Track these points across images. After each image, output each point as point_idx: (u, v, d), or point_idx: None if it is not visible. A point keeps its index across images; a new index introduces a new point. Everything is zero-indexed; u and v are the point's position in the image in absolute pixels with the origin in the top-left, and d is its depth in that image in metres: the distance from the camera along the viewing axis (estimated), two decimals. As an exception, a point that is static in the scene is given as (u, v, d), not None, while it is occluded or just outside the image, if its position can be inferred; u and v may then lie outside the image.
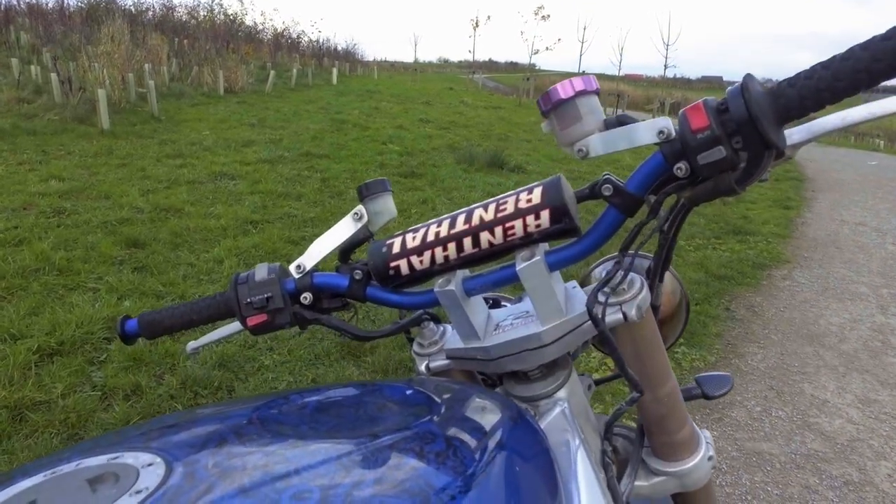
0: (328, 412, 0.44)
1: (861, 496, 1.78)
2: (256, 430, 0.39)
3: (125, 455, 0.35)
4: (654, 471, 0.64)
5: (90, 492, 0.32)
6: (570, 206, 0.50)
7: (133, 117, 6.82)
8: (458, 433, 0.39)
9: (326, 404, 0.45)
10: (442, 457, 0.36)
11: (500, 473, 0.37)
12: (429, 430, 0.38)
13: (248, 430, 0.39)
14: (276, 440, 0.37)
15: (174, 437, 0.39)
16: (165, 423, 0.43)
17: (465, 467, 0.35)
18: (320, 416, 0.43)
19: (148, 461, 0.34)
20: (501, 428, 0.43)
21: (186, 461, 0.33)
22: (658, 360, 0.59)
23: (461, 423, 0.42)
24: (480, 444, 0.39)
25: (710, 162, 0.44)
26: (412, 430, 0.38)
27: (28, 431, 1.78)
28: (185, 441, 0.38)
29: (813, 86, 0.40)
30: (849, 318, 3.15)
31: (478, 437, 0.40)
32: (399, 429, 0.39)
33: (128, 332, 0.62)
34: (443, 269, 0.54)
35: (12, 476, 0.36)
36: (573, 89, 0.49)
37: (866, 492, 1.80)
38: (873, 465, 1.93)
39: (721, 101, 0.44)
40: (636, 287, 0.53)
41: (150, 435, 0.40)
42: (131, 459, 0.34)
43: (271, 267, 0.59)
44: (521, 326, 0.55)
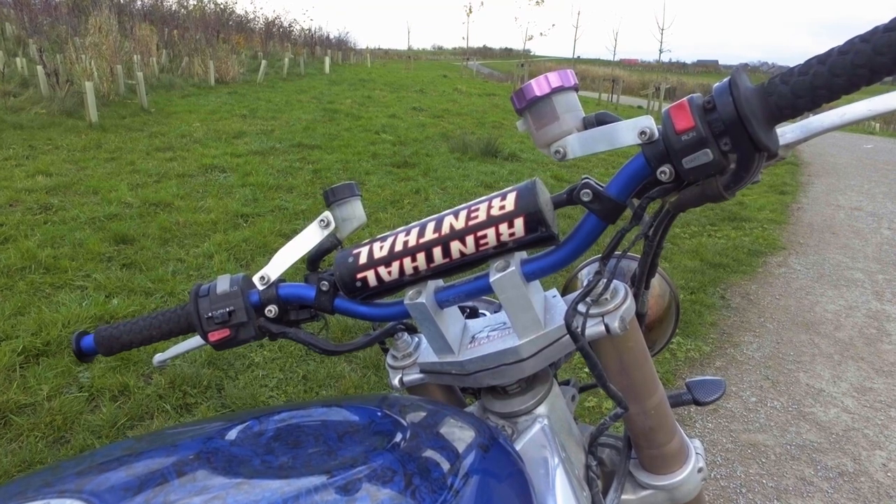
0: (285, 441, 0.40)
1: (856, 486, 1.77)
2: (202, 468, 0.36)
3: (52, 502, 0.32)
4: (642, 484, 0.61)
5: None
6: (545, 213, 0.46)
7: (122, 110, 6.72)
8: (422, 465, 0.36)
9: (285, 431, 0.42)
10: (402, 494, 0.33)
11: None
12: (389, 462, 0.35)
13: (193, 467, 0.36)
14: (221, 479, 0.34)
15: (111, 477, 0.36)
16: (106, 456, 0.40)
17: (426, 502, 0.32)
18: (275, 445, 0.40)
19: None
20: (472, 455, 0.39)
21: None
22: (645, 371, 0.55)
23: (427, 452, 0.39)
24: (448, 476, 0.36)
25: (696, 166, 0.40)
26: (370, 465, 0.35)
27: (12, 436, 1.75)
28: (120, 483, 0.35)
29: (808, 82, 0.37)
30: (844, 305, 3.14)
31: (445, 468, 0.37)
32: (357, 462, 0.35)
33: (83, 349, 0.59)
34: (413, 279, 0.51)
35: None
36: (549, 86, 0.45)
37: (861, 482, 1.79)
38: (868, 454, 1.92)
39: (708, 98, 0.40)
40: (620, 296, 0.50)
41: (84, 474, 0.36)
42: None
43: (234, 278, 0.56)
44: (497, 340, 0.52)
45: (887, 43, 0.34)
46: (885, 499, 1.72)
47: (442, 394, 0.61)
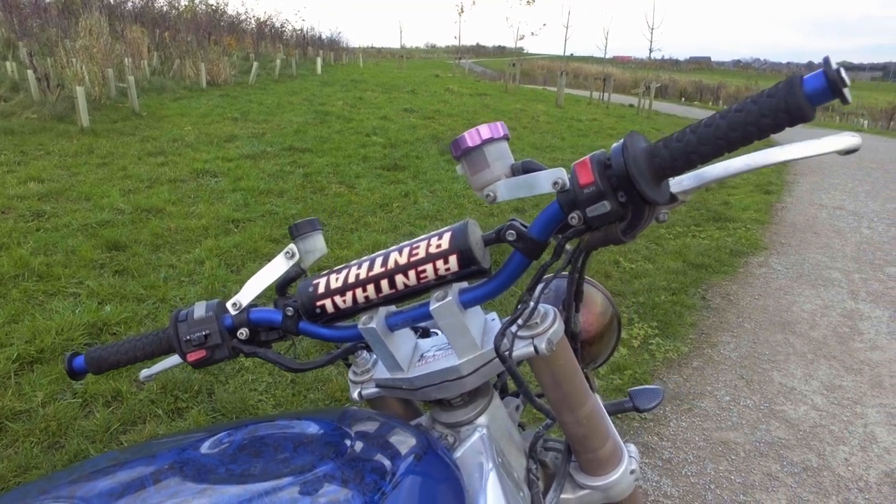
0: (248, 451, 0.47)
1: (818, 481, 1.85)
2: (175, 476, 0.43)
3: None
4: (580, 484, 0.68)
5: None
6: (475, 252, 0.53)
7: (113, 114, 6.75)
8: (360, 471, 0.43)
9: (249, 443, 0.49)
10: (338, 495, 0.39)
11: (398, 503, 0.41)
12: (330, 470, 0.42)
13: (168, 475, 0.43)
14: (190, 485, 0.41)
15: (98, 485, 0.42)
16: (94, 467, 0.47)
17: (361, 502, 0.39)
18: (240, 455, 0.47)
19: None
20: (407, 461, 0.46)
21: None
22: (575, 384, 0.62)
23: (367, 460, 0.45)
24: (383, 480, 0.43)
25: (597, 214, 0.47)
26: (315, 472, 0.42)
27: (8, 441, 1.80)
28: (106, 490, 0.41)
29: (682, 149, 0.44)
30: (820, 305, 3.23)
31: (381, 473, 0.44)
32: (304, 470, 0.42)
33: (75, 368, 0.65)
34: (365, 306, 0.58)
35: None
36: (480, 138, 0.52)
37: (823, 476, 1.87)
38: (832, 450, 2.01)
39: (607, 156, 0.47)
40: (549, 320, 0.57)
41: (76, 483, 0.43)
42: None
43: (209, 304, 0.63)
44: (441, 359, 0.59)
45: (737, 121, 0.41)
46: (844, 491, 1.81)
47: (398, 405, 0.68)
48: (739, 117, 0.41)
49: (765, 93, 0.40)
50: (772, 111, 0.39)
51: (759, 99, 0.40)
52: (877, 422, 2.19)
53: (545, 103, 13.66)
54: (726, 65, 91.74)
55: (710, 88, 28.76)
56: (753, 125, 0.40)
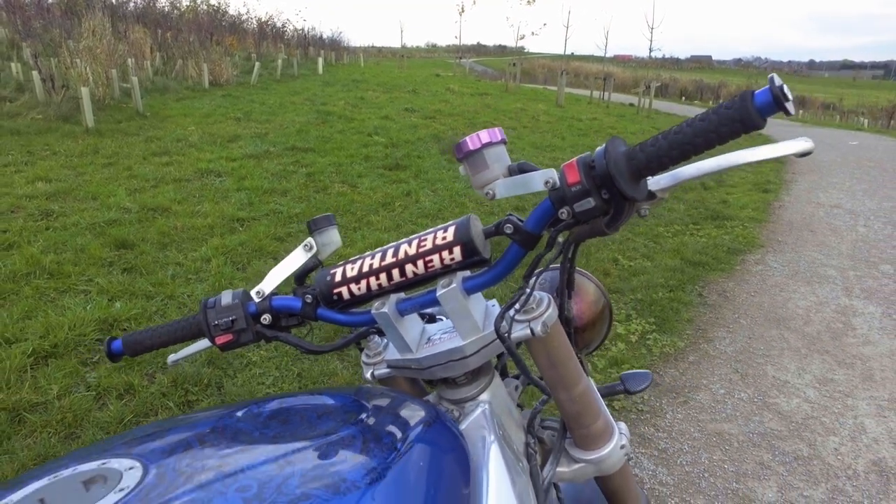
0: (277, 419, 0.54)
1: (808, 469, 1.91)
2: (216, 438, 0.49)
3: (112, 461, 0.45)
4: (574, 458, 0.75)
5: (84, 491, 0.42)
6: (477, 243, 0.59)
7: (118, 114, 6.82)
8: (377, 434, 0.50)
9: (277, 412, 0.55)
10: (360, 453, 0.46)
11: (414, 465, 0.47)
12: (352, 432, 0.49)
13: (210, 437, 0.49)
14: (230, 445, 0.47)
15: (151, 445, 0.49)
16: (145, 431, 0.53)
17: (380, 461, 0.45)
18: (270, 422, 0.53)
19: (129, 465, 0.44)
20: (418, 429, 0.53)
21: (159, 464, 0.43)
22: (570, 365, 0.69)
23: (383, 426, 0.52)
24: (397, 442, 0.49)
25: (584, 210, 0.54)
26: (339, 434, 0.48)
27: (27, 432, 1.87)
28: (159, 448, 0.48)
29: (655, 152, 0.50)
30: (815, 301, 3.29)
31: (395, 437, 0.50)
32: (329, 433, 0.49)
33: (114, 351, 0.72)
34: (378, 293, 0.64)
35: (22, 480, 0.46)
36: (480, 142, 0.59)
37: (813, 465, 1.94)
38: (823, 440, 2.07)
39: (591, 158, 0.54)
40: (543, 305, 0.63)
41: (131, 443, 0.50)
42: (116, 464, 0.44)
43: (235, 293, 0.69)
44: (447, 341, 0.65)
45: (700, 129, 0.47)
46: (833, 479, 1.87)
47: (407, 384, 0.74)
48: (702, 126, 0.47)
49: (723, 105, 0.47)
50: (729, 121, 0.46)
51: (718, 110, 0.47)
52: (867, 413, 2.26)
53: (546, 103, 13.72)
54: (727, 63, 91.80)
55: (710, 87, 28.80)
56: (714, 132, 0.47)
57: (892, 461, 1.99)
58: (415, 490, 0.45)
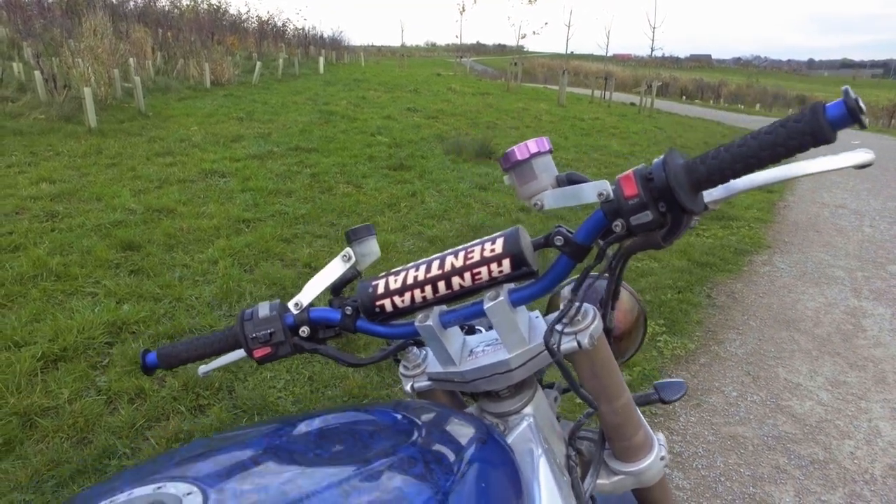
0: (328, 438, 0.52)
1: (825, 473, 1.90)
2: (271, 459, 0.48)
3: (167, 485, 0.44)
4: (614, 470, 0.74)
5: None
6: (527, 255, 0.58)
7: (120, 114, 6.80)
8: (436, 454, 0.48)
9: (327, 431, 0.54)
10: (423, 476, 0.45)
11: (472, 486, 0.46)
12: (411, 453, 0.47)
13: (265, 458, 0.48)
14: (288, 468, 0.46)
15: (204, 466, 0.47)
16: (194, 451, 0.52)
17: (442, 484, 0.44)
18: (322, 442, 0.52)
19: (187, 490, 0.42)
20: (472, 447, 0.51)
21: (219, 489, 0.42)
22: (613, 377, 0.68)
23: (439, 445, 0.51)
24: (454, 463, 0.48)
25: (640, 223, 0.52)
26: (398, 455, 0.47)
27: (39, 437, 1.86)
28: (214, 470, 0.46)
29: (717, 165, 0.49)
30: (824, 303, 3.28)
31: (452, 456, 0.49)
32: (387, 454, 0.47)
33: (148, 363, 0.70)
34: (421, 306, 0.63)
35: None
36: (528, 152, 0.57)
37: (830, 469, 1.93)
38: (838, 444, 2.06)
39: (648, 171, 0.52)
40: (589, 318, 0.62)
41: (183, 464, 0.48)
42: (173, 489, 0.43)
43: (273, 304, 0.68)
44: (491, 353, 0.64)
45: (767, 142, 0.46)
46: (850, 484, 1.86)
47: (445, 397, 0.73)
48: (769, 139, 0.46)
49: (791, 118, 0.45)
50: (798, 134, 0.44)
51: (786, 123, 0.45)
52: (881, 416, 2.25)
53: (547, 102, 13.71)
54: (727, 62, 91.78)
55: (710, 86, 28.79)
56: (782, 146, 0.46)
57: (907, 464, 1.98)
58: None
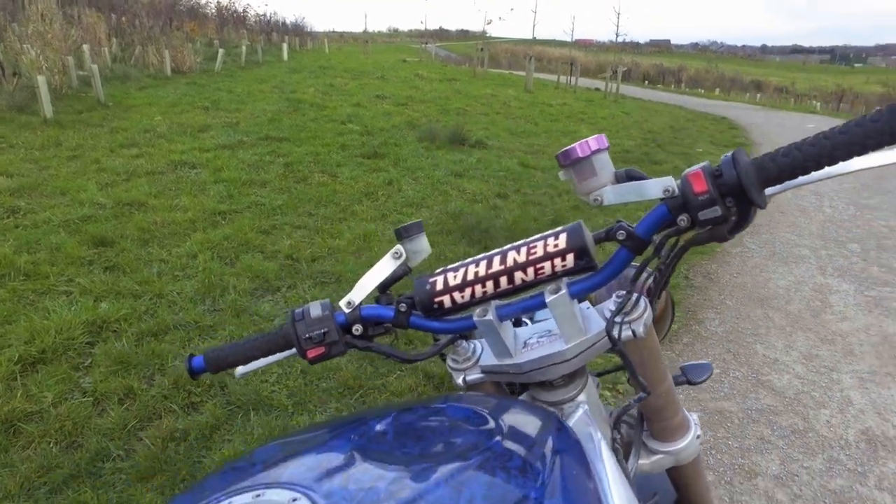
0: (407, 436, 0.52)
1: (805, 441, 2.01)
2: (362, 459, 0.47)
3: (266, 493, 0.43)
4: (653, 450, 0.76)
5: None
6: (590, 249, 0.59)
7: (78, 104, 6.50)
8: (523, 445, 0.49)
9: (401, 429, 0.54)
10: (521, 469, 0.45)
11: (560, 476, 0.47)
12: (501, 446, 0.48)
13: (355, 459, 0.47)
14: (386, 466, 0.45)
15: (297, 471, 0.46)
16: (273, 456, 0.50)
17: (539, 474, 0.45)
18: (403, 440, 0.51)
19: (290, 497, 0.41)
20: (550, 436, 0.53)
21: (325, 494, 0.41)
22: (658, 363, 0.70)
23: (521, 436, 0.51)
24: (542, 453, 0.49)
25: (708, 217, 0.54)
26: (490, 449, 0.47)
27: (24, 443, 1.79)
28: (310, 475, 0.45)
29: (789, 163, 0.51)
30: (793, 281, 3.43)
31: (538, 447, 0.50)
32: (478, 447, 0.47)
33: (195, 368, 0.68)
34: (479, 301, 0.63)
35: None
36: (589, 149, 0.58)
37: (809, 437, 2.03)
38: (815, 413, 2.17)
39: (716, 168, 0.54)
40: (641, 308, 0.64)
41: (270, 470, 0.47)
42: (275, 496, 0.42)
43: (324, 304, 0.67)
44: (547, 345, 0.65)
45: (841, 142, 0.48)
46: (828, 450, 1.97)
47: (493, 389, 0.74)
48: (844, 139, 0.48)
49: (867, 118, 0.47)
50: (876, 134, 0.46)
51: (862, 123, 0.47)
52: (851, 386, 2.38)
53: (515, 88, 13.75)
54: (685, 48, 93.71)
55: (671, 71, 29.39)
56: (857, 145, 0.48)
57: (877, 430, 2.10)
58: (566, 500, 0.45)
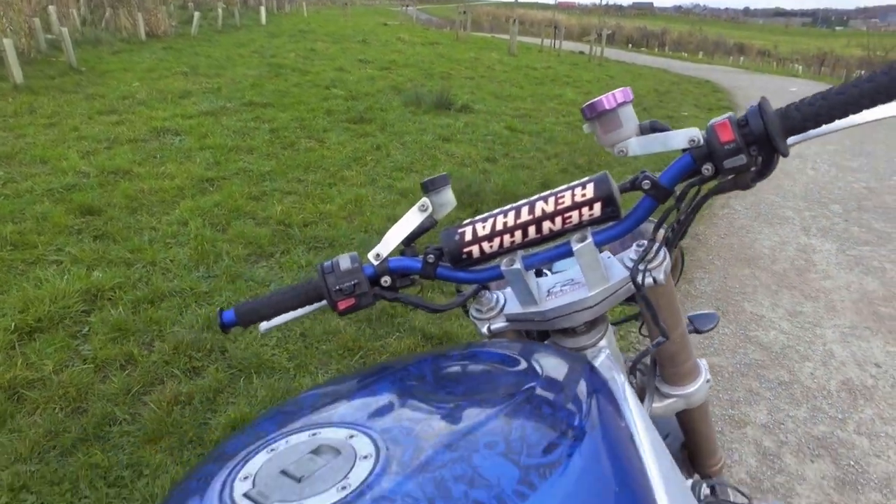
0: (450, 378, 0.54)
1: (790, 392, 2.10)
2: (411, 398, 0.49)
3: (321, 431, 0.44)
4: (666, 395, 0.80)
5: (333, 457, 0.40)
6: (617, 198, 0.61)
7: (48, 69, 6.26)
8: (561, 386, 0.51)
9: (443, 370, 0.56)
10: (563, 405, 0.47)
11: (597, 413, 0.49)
12: (543, 385, 0.50)
13: (404, 399, 0.49)
14: (436, 405, 0.47)
15: (348, 412, 0.47)
16: (319, 401, 0.52)
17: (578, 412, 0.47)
18: (445, 382, 0.53)
19: (347, 434, 0.42)
20: (583, 377, 0.55)
21: (382, 430, 0.42)
22: (675, 309, 0.73)
23: (559, 377, 0.53)
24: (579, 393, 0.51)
25: (733, 166, 0.56)
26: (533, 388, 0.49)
27: (29, 409, 1.80)
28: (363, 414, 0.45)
29: (813, 112, 0.52)
30: (778, 241, 3.51)
31: (574, 387, 0.52)
32: (522, 386, 0.49)
33: (225, 321, 0.69)
34: (506, 251, 0.65)
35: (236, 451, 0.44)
36: (616, 101, 0.59)
37: (794, 389, 2.13)
38: (799, 366, 2.26)
39: (742, 118, 0.56)
40: (661, 255, 0.66)
41: (320, 412, 0.49)
42: (331, 434, 0.43)
43: (352, 256, 0.68)
44: (570, 292, 0.67)
45: (867, 91, 0.50)
46: (811, 399, 2.07)
47: (514, 336, 0.76)
48: (870, 87, 0.49)
49: (895, 65, 0.49)
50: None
51: (890, 72, 0.49)
52: (833, 340, 2.47)
53: (498, 52, 13.53)
54: (668, 10, 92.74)
55: (654, 34, 29.12)
56: (883, 94, 0.49)
57: (857, 380, 2.20)
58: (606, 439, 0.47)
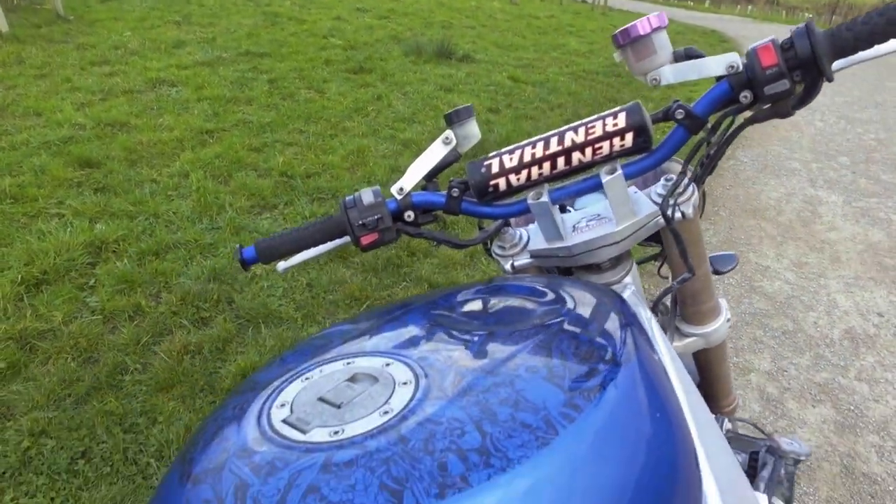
0: (480, 310, 0.53)
1: (794, 341, 2.13)
2: (444, 329, 0.48)
3: (356, 360, 0.44)
4: (686, 333, 0.80)
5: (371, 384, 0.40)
6: (649, 128, 0.59)
7: (34, 18, 6.04)
8: (594, 317, 0.51)
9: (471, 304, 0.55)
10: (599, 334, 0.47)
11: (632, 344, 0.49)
12: (577, 315, 0.50)
13: (437, 329, 0.48)
14: (468, 333, 0.46)
15: (381, 342, 0.47)
16: (351, 334, 0.51)
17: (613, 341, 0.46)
18: (476, 313, 0.52)
19: (384, 362, 0.42)
20: (615, 310, 0.54)
21: (418, 359, 0.42)
22: (699, 246, 0.72)
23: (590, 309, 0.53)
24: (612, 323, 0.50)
25: (774, 92, 0.53)
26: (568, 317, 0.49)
27: (42, 359, 1.82)
28: (396, 343, 0.46)
29: (868, 30, 0.49)
30: (784, 193, 3.48)
31: (606, 318, 0.51)
32: (556, 316, 0.49)
33: (246, 258, 0.68)
34: (534, 184, 0.63)
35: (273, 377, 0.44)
36: (650, 26, 0.56)
37: (798, 337, 2.15)
38: (803, 316, 2.28)
39: (786, 40, 0.53)
40: (689, 191, 0.65)
41: (352, 342, 0.48)
42: (366, 363, 0.43)
43: (375, 191, 0.66)
44: (597, 227, 0.66)
45: None
46: (814, 348, 2.09)
47: (537, 273, 0.76)
48: None
49: None
50: None
51: None
52: (837, 290, 2.48)
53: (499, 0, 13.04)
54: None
55: (661, -19, 28.00)
56: None
57: (859, 329, 2.23)
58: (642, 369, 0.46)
